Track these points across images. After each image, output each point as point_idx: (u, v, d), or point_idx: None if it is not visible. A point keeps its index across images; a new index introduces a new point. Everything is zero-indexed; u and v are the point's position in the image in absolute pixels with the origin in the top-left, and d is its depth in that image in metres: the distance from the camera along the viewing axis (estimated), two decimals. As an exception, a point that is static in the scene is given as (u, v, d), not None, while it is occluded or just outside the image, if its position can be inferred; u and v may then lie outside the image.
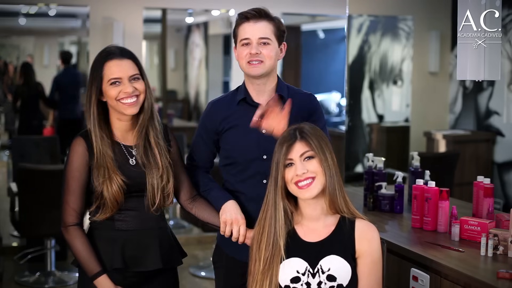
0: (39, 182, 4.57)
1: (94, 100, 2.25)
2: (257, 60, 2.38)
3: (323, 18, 7.72)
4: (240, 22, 2.43)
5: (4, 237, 5.63)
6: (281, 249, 2.08)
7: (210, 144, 2.50)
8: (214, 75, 8.26)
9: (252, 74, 2.40)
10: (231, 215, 2.33)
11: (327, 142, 2.13)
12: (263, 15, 2.41)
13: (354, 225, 2.11)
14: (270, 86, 2.46)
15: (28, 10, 6.93)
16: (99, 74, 2.25)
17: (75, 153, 2.25)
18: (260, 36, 2.39)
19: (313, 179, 2.08)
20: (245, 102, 2.46)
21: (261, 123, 2.33)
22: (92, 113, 2.25)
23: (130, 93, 2.24)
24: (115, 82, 2.24)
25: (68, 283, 4.97)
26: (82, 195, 2.27)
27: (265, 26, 2.41)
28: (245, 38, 2.40)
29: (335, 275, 2.06)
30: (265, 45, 2.40)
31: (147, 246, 2.31)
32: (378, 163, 3.39)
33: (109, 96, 2.24)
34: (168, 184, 2.31)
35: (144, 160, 2.30)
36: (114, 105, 2.25)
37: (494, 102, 5.38)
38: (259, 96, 2.46)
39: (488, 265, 2.45)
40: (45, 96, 6.82)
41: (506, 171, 5.25)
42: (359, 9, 5.74)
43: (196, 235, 5.89)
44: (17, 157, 5.63)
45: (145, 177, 2.28)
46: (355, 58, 5.85)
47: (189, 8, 6.97)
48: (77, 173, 2.25)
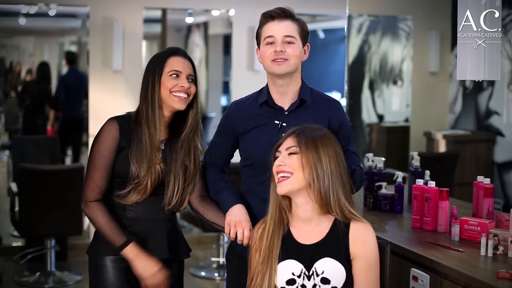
0: (39, 182, 4.57)
1: (157, 89, 2.33)
2: (282, 58, 2.35)
3: (323, 18, 7.71)
4: (264, 22, 2.40)
5: (4, 237, 5.63)
6: (278, 250, 2.08)
7: (229, 145, 2.49)
8: (214, 75, 8.25)
9: (277, 72, 2.36)
10: (235, 217, 2.33)
11: (327, 143, 2.08)
12: (288, 14, 2.39)
13: (349, 227, 2.09)
14: (293, 89, 2.42)
15: (28, 10, 6.93)
16: (161, 66, 2.34)
17: (107, 134, 2.33)
18: (285, 34, 2.36)
19: (291, 174, 2.06)
20: (267, 105, 2.43)
21: None
22: (157, 102, 2.33)
23: (185, 88, 2.33)
24: (175, 75, 2.34)
25: (68, 283, 4.97)
26: (107, 175, 2.34)
27: (290, 25, 2.38)
28: (270, 36, 2.37)
29: (329, 278, 2.05)
30: (289, 44, 2.37)
31: (155, 236, 2.38)
32: (378, 163, 3.39)
33: (166, 86, 2.33)
34: (189, 187, 2.40)
35: (173, 156, 2.37)
36: (166, 97, 2.33)
37: (494, 102, 5.38)
38: (282, 99, 2.42)
39: (488, 265, 2.45)
40: (51, 96, 6.84)
41: (506, 171, 5.25)
42: (359, 9, 5.74)
43: (196, 235, 5.89)
44: (17, 157, 5.64)
45: (168, 176, 2.36)
46: (355, 58, 5.85)
47: (189, 8, 6.97)
48: (105, 153, 2.33)
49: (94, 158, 2.34)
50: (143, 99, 2.37)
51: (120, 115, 2.40)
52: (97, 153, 2.33)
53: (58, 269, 5.08)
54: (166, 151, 2.38)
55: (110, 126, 2.35)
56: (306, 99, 2.42)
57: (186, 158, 2.38)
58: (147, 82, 2.36)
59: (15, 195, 4.84)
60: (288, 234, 2.12)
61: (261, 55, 2.41)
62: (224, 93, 8.26)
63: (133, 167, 2.31)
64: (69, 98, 6.80)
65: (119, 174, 2.35)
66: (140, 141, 2.32)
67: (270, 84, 2.44)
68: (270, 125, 2.40)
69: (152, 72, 2.36)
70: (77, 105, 6.78)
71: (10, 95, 7.36)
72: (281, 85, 2.40)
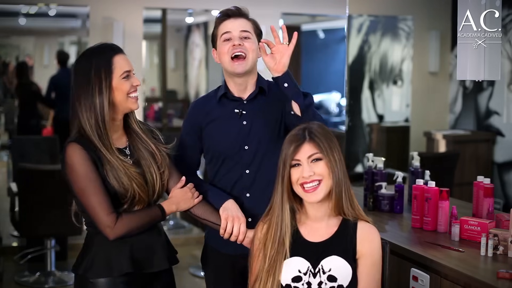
0: (39, 182, 4.57)
1: (107, 95, 2.14)
2: (240, 51, 2.37)
3: (323, 18, 7.72)
4: (220, 20, 2.45)
5: (4, 237, 5.63)
6: (286, 248, 2.08)
7: (196, 145, 2.49)
8: (214, 75, 8.25)
9: (236, 72, 2.40)
10: (232, 213, 2.33)
11: (335, 142, 2.10)
12: (242, 13, 2.44)
13: (357, 226, 2.11)
14: (251, 82, 2.47)
15: (28, 10, 6.93)
16: (108, 69, 2.16)
17: (78, 158, 2.13)
18: (242, 29, 2.40)
19: (320, 182, 2.06)
20: (226, 97, 2.48)
21: (263, 52, 2.34)
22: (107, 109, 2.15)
23: (139, 86, 2.24)
24: (127, 75, 2.20)
25: (68, 283, 4.96)
26: (106, 193, 2.14)
27: (245, 22, 2.43)
28: (227, 31, 2.41)
29: (335, 275, 2.06)
30: (246, 39, 2.41)
31: (153, 247, 2.28)
32: (378, 163, 3.39)
33: (121, 90, 2.18)
34: (165, 172, 2.29)
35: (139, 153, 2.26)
36: (122, 101, 2.19)
37: (494, 102, 5.38)
38: (240, 92, 2.47)
39: (488, 265, 2.45)
40: (42, 96, 6.82)
41: (506, 171, 5.25)
42: (359, 9, 5.74)
43: (196, 235, 5.88)
44: (17, 157, 5.64)
45: (143, 171, 2.24)
46: (355, 58, 5.84)
47: (189, 8, 6.97)
48: (91, 175, 2.13)
49: (82, 186, 2.13)
50: (87, 109, 2.14)
51: (73, 138, 2.17)
52: (81, 179, 2.13)
53: (58, 269, 5.08)
54: (133, 154, 2.26)
55: (72, 149, 2.13)
56: (264, 87, 2.47)
57: (147, 146, 2.27)
58: (90, 90, 2.13)
59: (15, 195, 4.84)
60: (296, 232, 2.13)
61: (219, 52, 2.44)
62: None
63: (116, 185, 2.15)
64: (61, 98, 6.78)
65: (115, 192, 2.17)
66: (105, 157, 2.15)
67: (228, 80, 2.48)
68: (231, 114, 2.44)
69: (97, 78, 2.14)
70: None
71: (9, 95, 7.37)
72: (240, 83, 2.45)
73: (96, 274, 2.19)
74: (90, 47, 2.26)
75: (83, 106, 2.16)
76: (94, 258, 2.21)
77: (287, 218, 2.10)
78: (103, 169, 2.16)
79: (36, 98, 6.84)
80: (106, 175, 2.15)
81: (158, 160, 2.27)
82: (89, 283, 2.20)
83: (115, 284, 2.20)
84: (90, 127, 2.15)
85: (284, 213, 2.10)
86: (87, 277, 2.21)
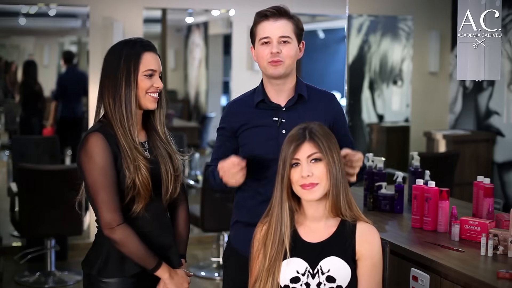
0: (39, 182, 4.57)
1: (134, 87, 2.18)
2: (278, 60, 2.35)
3: (323, 18, 7.72)
4: (259, 21, 2.40)
5: (4, 237, 5.63)
6: (286, 248, 2.08)
7: (231, 147, 2.46)
8: (214, 75, 8.26)
9: (274, 75, 2.37)
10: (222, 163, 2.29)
11: (335, 143, 2.11)
12: (282, 13, 2.39)
13: (356, 227, 2.11)
14: (289, 86, 2.43)
15: (28, 10, 6.93)
16: (136, 63, 2.20)
17: (98, 148, 2.13)
18: (281, 35, 2.36)
19: (319, 181, 2.06)
20: (264, 103, 2.43)
21: None
22: (134, 101, 2.19)
23: (159, 88, 2.24)
24: (150, 74, 2.22)
25: (68, 283, 4.97)
26: (117, 192, 2.15)
27: (285, 24, 2.38)
28: (265, 37, 2.37)
29: (334, 276, 2.06)
30: (285, 44, 2.37)
31: (165, 247, 2.29)
32: (378, 163, 3.39)
33: (141, 87, 2.20)
34: (179, 176, 2.31)
35: (157, 151, 2.27)
36: (141, 97, 2.21)
37: (494, 102, 5.38)
38: (278, 96, 2.43)
39: (488, 265, 2.45)
40: (43, 96, 6.83)
41: (506, 171, 5.25)
42: (359, 9, 5.74)
43: (196, 235, 5.88)
44: (17, 157, 5.64)
45: (159, 167, 2.25)
46: (355, 58, 5.84)
47: (189, 8, 6.97)
48: (108, 170, 2.14)
49: (96, 178, 2.13)
50: (112, 98, 2.18)
51: (96, 127, 2.19)
52: (97, 171, 2.13)
53: (58, 269, 5.09)
54: (151, 150, 2.27)
55: (95, 139, 2.14)
56: (303, 94, 2.43)
57: (167, 146, 2.29)
58: (118, 79, 2.18)
59: (15, 195, 4.84)
60: (295, 233, 2.13)
61: (257, 54, 2.41)
62: (224, 93, 8.27)
63: (127, 173, 2.15)
64: (67, 97, 6.80)
65: (124, 184, 2.18)
66: (122, 146, 2.17)
67: (265, 82, 2.45)
68: (270, 123, 2.40)
69: (126, 69, 2.18)
70: (75, 104, 6.78)
71: (9, 95, 7.37)
72: (277, 83, 2.42)
73: (109, 274, 2.21)
74: (124, 40, 2.29)
75: (110, 95, 2.19)
76: (108, 258, 2.21)
77: (287, 217, 2.10)
78: (121, 160, 2.16)
79: (39, 97, 6.85)
80: (121, 166, 2.16)
81: (175, 163, 2.30)
82: (102, 282, 2.21)
83: (127, 284, 2.22)
84: (114, 116, 2.18)
85: (283, 212, 2.10)
86: (100, 276, 2.21)
